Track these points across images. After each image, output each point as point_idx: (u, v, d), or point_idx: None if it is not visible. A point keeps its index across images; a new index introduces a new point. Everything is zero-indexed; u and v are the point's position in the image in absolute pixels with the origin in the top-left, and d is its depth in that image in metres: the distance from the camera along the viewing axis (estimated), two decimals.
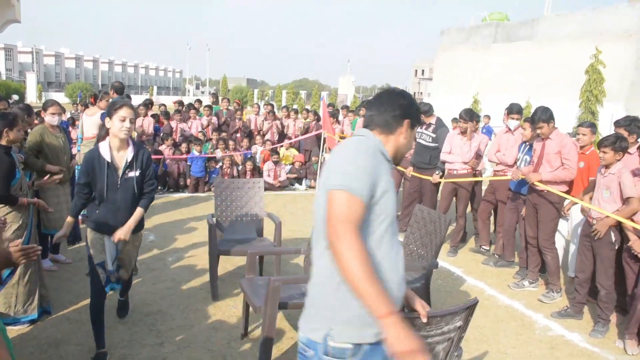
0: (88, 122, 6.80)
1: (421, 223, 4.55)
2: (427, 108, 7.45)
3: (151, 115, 10.87)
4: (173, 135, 10.70)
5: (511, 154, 6.22)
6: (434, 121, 7.27)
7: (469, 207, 7.31)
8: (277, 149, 11.02)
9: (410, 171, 7.42)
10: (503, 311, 5.03)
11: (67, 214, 5.40)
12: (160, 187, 9.62)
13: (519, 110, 6.41)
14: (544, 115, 5.16)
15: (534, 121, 5.27)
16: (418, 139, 7.33)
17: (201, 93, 79.77)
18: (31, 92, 44.22)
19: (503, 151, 6.37)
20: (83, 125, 6.87)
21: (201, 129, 11.26)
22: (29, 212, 4.22)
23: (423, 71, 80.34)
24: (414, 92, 73.28)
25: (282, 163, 10.92)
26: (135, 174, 3.65)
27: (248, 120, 12.36)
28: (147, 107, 10.76)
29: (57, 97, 36.99)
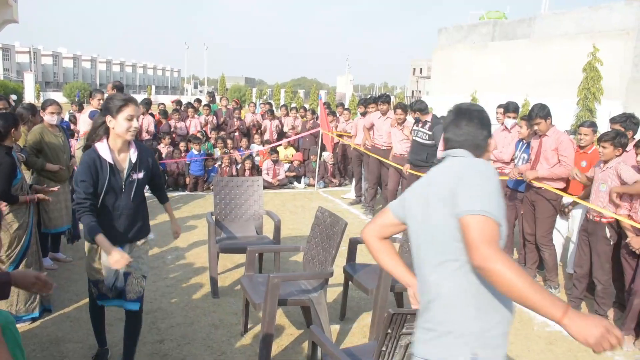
0: (82, 120, 7.09)
1: None
2: (424, 107, 7.50)
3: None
4: (173, 134, 10.73)
5: (508, 152, 6.25)
6: (430, 119, 7.32)
7: None
8: (276, 148, 11.05)
9: (407, 168, 7.45)
10: None
11: (66, 213, 5.49)
12: None
13: (515, 108, 6.44)
14: (542, 112, 5.19)
15: (531, 117, 5.30)
16: (414, 137, 7.37)
17: (199, 92, 79.71)
18: (29, 92, 44.13)
19: (500, 149, 6.39)
20: (79, 123, 7.26)
21: (200, 128, 11.29)
22: (29, 212, 4.24)
23: (421, 69, 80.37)
24: (412, 91, 73.37)
25: (281, 161, 10.95)
26: (139, 176, 3.36)
27: (246, 118, 12.40)
28: (148, 107, 10.78)
29: (55, 97, 36.92)
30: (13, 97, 14.67)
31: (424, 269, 1.98)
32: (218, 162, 10.30)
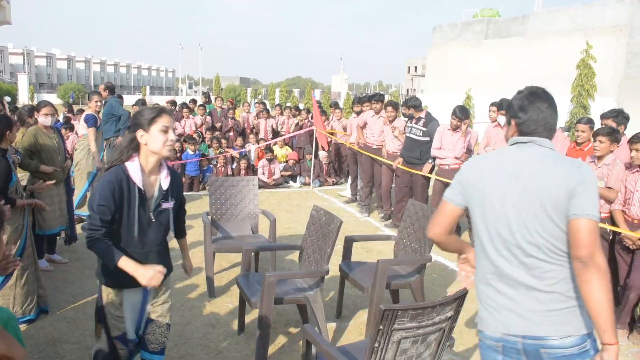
0: (81, 124, 7.14)
1: (414, 218, 4.60)
2: (418, 103, 7.54)
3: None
4: None
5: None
6: (424, 115, 7.34)
7: None
8: (271, 147, 11.06)
9: (398, 163, 7.46)
10: None
11: (61, 214, 5.49)
12: None
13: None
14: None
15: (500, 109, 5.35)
16: (408, 134, 7.37)
17: (194, 92, 79.57)
18: (23, 94, 43.95)
19: (492, 145, 6.43)
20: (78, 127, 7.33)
21: (195, 129, 11.30)
22: (24, 214, 4.24)
23: (416, 68, 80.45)
24: (407, 89, 73.42)
25: (276, 161, 10.96)
26: (170, 205, 2.84)
27: (241, 118, 12.41)
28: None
29: (49, 99, 36.83)
30: (7, 99, 14.65)
31: (513, 247, 2.08)
32: (213, 162, 10.31)
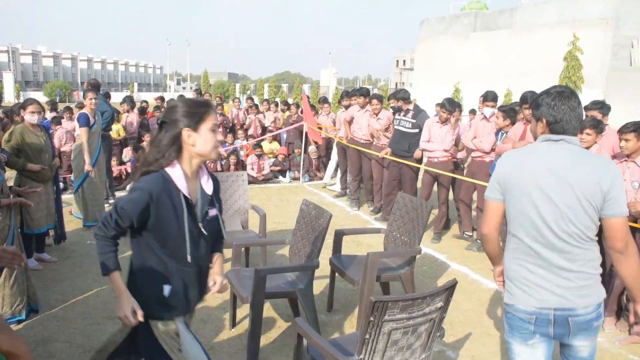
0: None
1: (403, 210, 4.62)
2: (407, 95, 7.56)
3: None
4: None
5: (488, 141, 6.30)
6: (412, 107, 7.36)
7: (451, 194, 7.41)
8: (260, 142, 11.04)
9: (386, 152, 7.49)
10: (486, 294, 5.13)
11: (48, 213, 5.45)
12: None
13: (494, 97, 6.49)
14: (532, 98, 5.25)
15: (524, 101, 5.38)
16: (396, 126, 7.37)
17: (182, 89, 79.19)
18: (9, 92, 43.56)
19: (480, 138, 6.46)
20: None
21: None
22: (11, 214, 4.20)
23: (404, 61, 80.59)
24: (396, 83, 73.49)
25: (266, 156, 10.95)
26: (216, 212, 2.51)
27: (231, 114, 12.37)
28: (132, 104, 10.72)
29: (36, 97, 36.54)
30: None
31: (550, 235, 2.40)
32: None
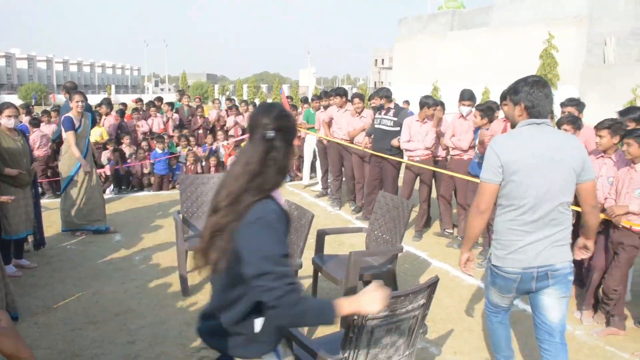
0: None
1: (385, 209, 4.65)
2: (390, 93, 7.59)
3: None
4: (135, 133, 10.61)
5: (466, 139, 6.37)
6: (393, 106, 7.38)
7: (434, 192, 7.47)
8: (240, 143, 11.00)
9: (366, 144, 7.54)
10: (467, 291, 5.19)
11: (27, 218, 5.37)
12: (123, 187, 9.52)
13: (471, 96, 6.51)
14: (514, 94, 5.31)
15: (503, 98, 5.43)
16: (377, 125, 7.35)
17: (160, 90, 78.48)
18: None
19: (458, 136, 6.52)
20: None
21: (163, 127, 11.17)
22: None
23: (383, 60, 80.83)
24: (375, 82, 73.72)
25: None
26: None
27: (210, 115, 12.31)
28: (110, 107, 10.59)
29: (10, 100, 35.91)
30: None
31: (553, 210, 2.86)
32: (182, 161, 10.21)
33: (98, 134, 9.37)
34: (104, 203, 6.94)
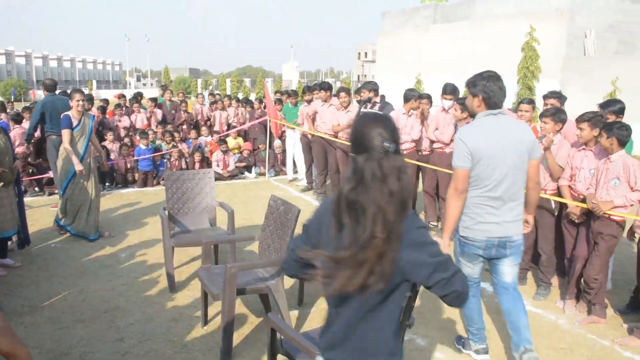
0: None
1: None
2: (377, 87, 7.58)
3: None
4: (117, 129, 10.52)
5: (447, 133, 6.43)
6: (379, 100, 7.41)
7: (420, 186, 7.52)
8: (225, 138, 10.97)
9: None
10: None
11: (12, 217, 5.32)
12: (107, 184, 9.45)
13: (453, 90, 6.55)
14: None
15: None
16: None
17: (143, 85, 77.80)
18: None
19: (440, 129, 6.58)
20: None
21: (147, 122, 11.10)
22: None
23: (366, 54, 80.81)
24: (358, 75, 73.75)
25: (231, 152, 10.89)
26: None
27: (194, 110, 12.24)
28: (91, 103, 10.50)
29: None
30: None
31: (511, 187, 3.30)
32: (167, 156, 10.15)
33: None
34: (98, 211, 6.55)
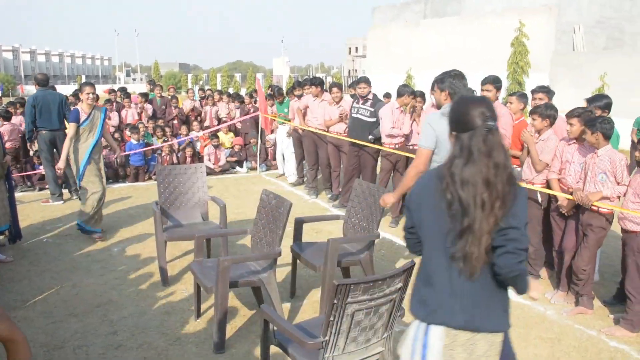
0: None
1: (361, 197, 4.74)
2: (369, 81, 7.53)
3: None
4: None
5: None
6: (371, 96, 7.41)
7: None
8: (216, 133, 10.98)
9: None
10: None
11: (4, 212, 5.33)
12: None
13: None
14: (495, 82, 5.42)
15: (484, 82, 5.53)
16: (355, 114, 7.36)
17: (132, 80, 77.39)
18: None
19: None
20: None
21: (138, 117, 11.08)
22: None
23: (357, 48, 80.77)
24: (349, 70, 73.76)
25: (222, 147, 10.90)
26: None
27: (185, 105, 12.24)
28: (78, 97, 10.44)
29: None
30: None
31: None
32: (158, 151, 10.14)
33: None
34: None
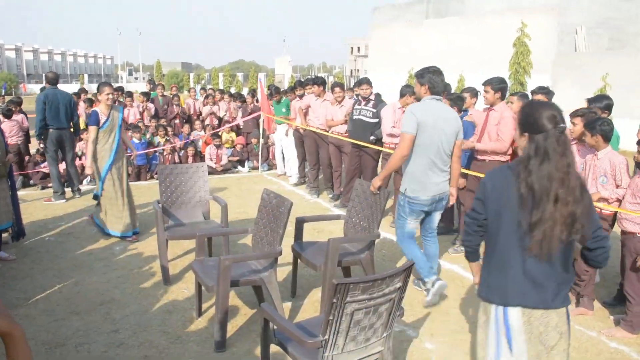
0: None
1: (362, 197, 4.76)
2: (371, 82, 7.53)
3: None
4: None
5: None
6: (374, 97, 7.42)
7: None
8: (219, 133, 11.01)
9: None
10: (444, 275, 5.33)
11: (7, 210, 5.35)
12: None
13: (444, 86, 6.58)
14: (496, 83, 5.41)
15: (486, 83, 5.54)
16: (357, 116, 7.35)
17: (135, 79, 77.45)
18: None
19: None
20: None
21: (140, 117, 11.11)
22: None
23: (359, 48, 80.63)
24: (351, 70, 73.70)
25: (224, 146, 10.93)
26: None
27: (187, 104, 12.26)
28: (79, 97, 10.50)
29: None
30: None
31: (443, 156, 4.39)
32: (160, 150, 10.18)
33: None
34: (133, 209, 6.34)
